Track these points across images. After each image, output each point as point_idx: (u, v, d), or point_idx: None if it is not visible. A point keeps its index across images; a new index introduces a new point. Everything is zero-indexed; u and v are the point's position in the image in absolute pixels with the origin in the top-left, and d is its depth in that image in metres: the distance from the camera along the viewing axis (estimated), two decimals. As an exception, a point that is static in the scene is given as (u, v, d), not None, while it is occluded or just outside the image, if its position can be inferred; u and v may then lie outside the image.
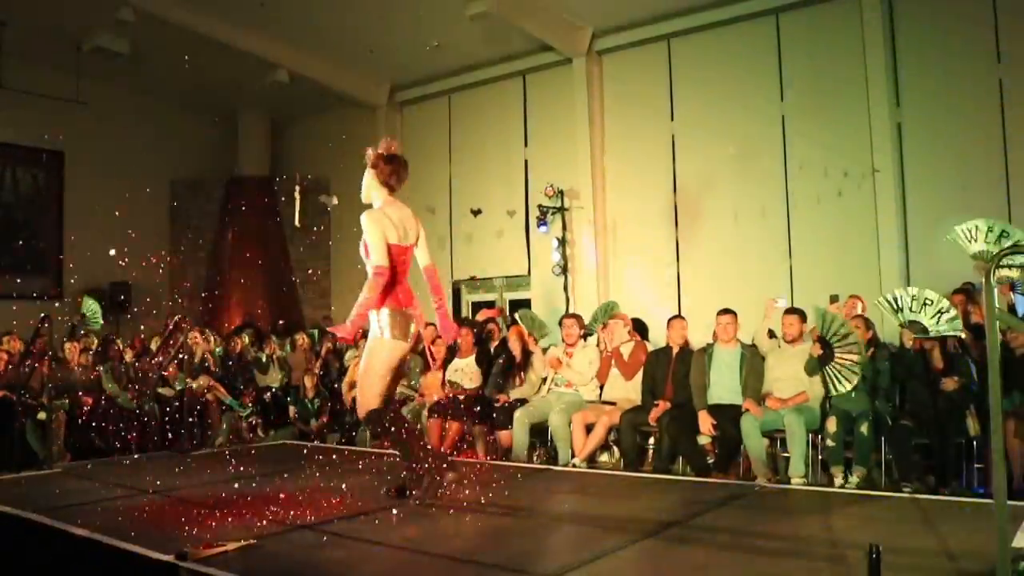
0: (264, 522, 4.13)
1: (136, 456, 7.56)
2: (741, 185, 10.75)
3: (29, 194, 14.20)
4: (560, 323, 8.03)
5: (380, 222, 4.50)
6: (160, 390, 9.40)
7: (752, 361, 6.90)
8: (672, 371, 7.19)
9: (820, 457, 6.51)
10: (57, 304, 13.44)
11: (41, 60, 12.99)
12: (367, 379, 4.55)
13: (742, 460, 6.66)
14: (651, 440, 7.29)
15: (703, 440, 6.93)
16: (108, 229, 14.27)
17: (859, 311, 7.64)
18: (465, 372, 8.18)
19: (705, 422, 6.69)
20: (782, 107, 10.60)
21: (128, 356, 10.04)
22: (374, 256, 4.44)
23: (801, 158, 10.32)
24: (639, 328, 8.43)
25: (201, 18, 11.80)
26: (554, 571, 3.36)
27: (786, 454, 6.45)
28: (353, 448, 7.73)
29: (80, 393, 8.98)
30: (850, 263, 9.88)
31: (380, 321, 4.51)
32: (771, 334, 7.35)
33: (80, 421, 8.73)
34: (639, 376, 7.40)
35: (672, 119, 11.49)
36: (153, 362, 9.45)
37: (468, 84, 13.56)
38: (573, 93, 12.07)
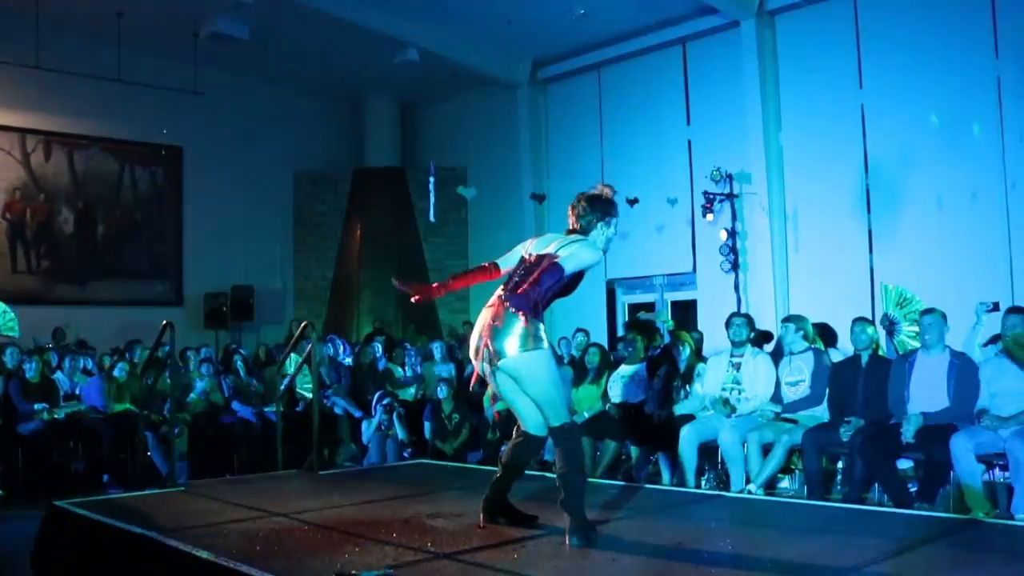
0: (400, 550, 4.23)
1: (262, 474, 7.89)
2: (947, 163, 10.34)
3: (148, 193, 15.07)
4: (727, 324, 7.84)
5: None
6: (285, 403, 9.78)
7: (964, 370, 6.61)
8: (864, 382, 6.98)
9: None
10: (179, 309, 14.26)
11: (158, 50, 13.76)
12: (550, 390, 4.51)
13: (952, 489, 6.40)
14: (840, 463, 7.10)
15: (904, 464, 6.69)
16: (229, 228, 15.01)
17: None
18: (633, 381, 8.19)
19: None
20: (997, 65, 10.12)
21: (251, 366, 10.54)
22: None
23: (1023, 128, 9.84)
24: (825, 334, 8.18)
25: (324, -6, 12.23)
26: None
27: (1007, 481, 6.15)
28: (496, 469, 7.81)
29: (202, 406, 9.48)
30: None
31: (537, 331, 4.52)
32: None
33: (202, 436, 9.22)
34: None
35: (861, 87, 11.18)
36: (278, 373, 9.84)
37: (620, 56, 13.54)
38: (742, 61, 11.89)
